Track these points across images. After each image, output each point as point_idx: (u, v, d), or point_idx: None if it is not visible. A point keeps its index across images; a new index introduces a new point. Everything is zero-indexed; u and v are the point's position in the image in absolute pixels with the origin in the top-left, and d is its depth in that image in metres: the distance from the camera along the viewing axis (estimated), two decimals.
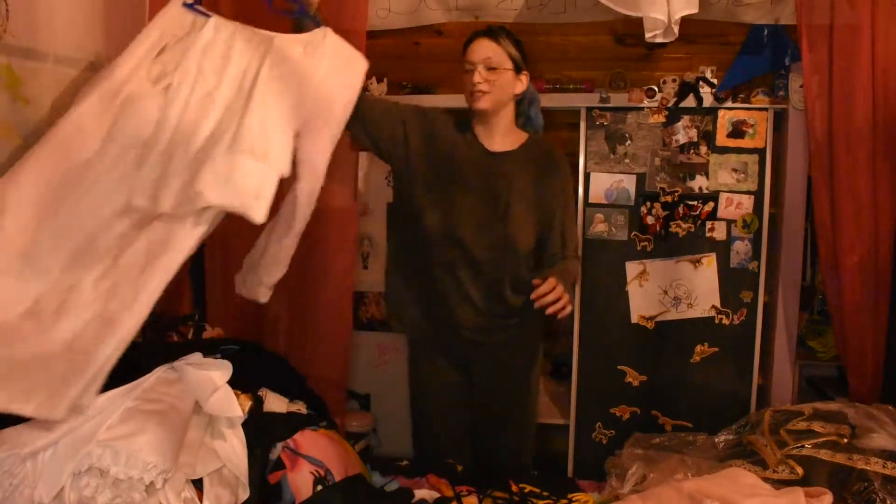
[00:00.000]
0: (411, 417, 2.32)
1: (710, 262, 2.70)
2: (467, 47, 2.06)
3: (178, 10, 1.74)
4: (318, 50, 1.76)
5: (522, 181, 2.09)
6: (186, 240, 1.48)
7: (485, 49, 2.03)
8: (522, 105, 2.18)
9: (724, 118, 2.67)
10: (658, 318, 2.72)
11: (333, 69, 1.77)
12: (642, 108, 2.69)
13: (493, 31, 2.06)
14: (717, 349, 2.71)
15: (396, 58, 2.93)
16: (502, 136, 2.11)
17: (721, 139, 2.68)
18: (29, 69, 1.76)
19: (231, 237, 2.50)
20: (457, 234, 2.07)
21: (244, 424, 1.62)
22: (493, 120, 2.09)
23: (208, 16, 1.73)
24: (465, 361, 2.21)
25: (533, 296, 1.90)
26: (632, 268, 2.73)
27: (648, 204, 2.70)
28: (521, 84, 2.10)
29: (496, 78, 2.03)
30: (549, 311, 1.90)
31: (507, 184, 2.08)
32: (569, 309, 1.94)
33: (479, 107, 2.04)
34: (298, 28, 1.87)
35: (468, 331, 2.13)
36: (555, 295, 1.89)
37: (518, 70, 2.07)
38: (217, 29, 1.72)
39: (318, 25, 1.82)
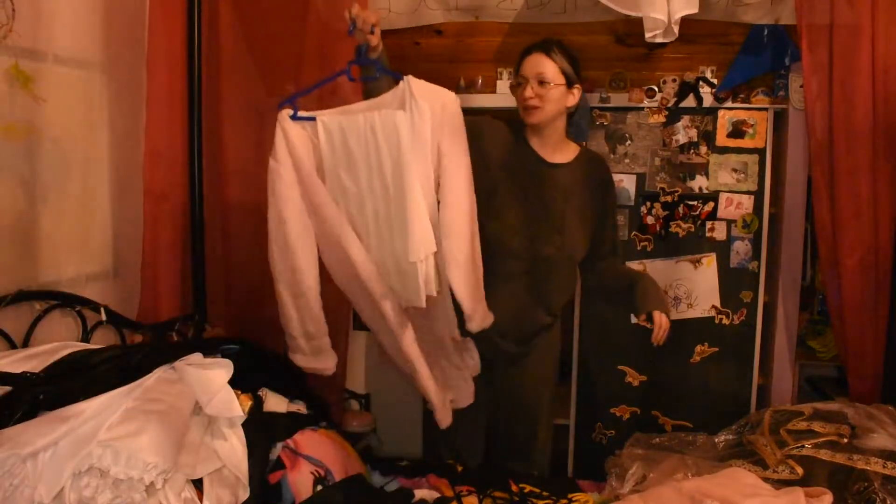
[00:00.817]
0: (424, 416, 2.31)
1: (710, 262, 2.70)
2: (522, 60, 2.06)
3: (290, 126, 1.82)
4: (417, 104, 1.75)
5: (578, 194, 2.12)
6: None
7: (537, 64, 2.03)
8: (574, 115, 2.18)
9: (724, 118, 2.67)
10: None
11: (435, 114, 1.81)
12: (642, 108, 2.69)
13: (547, 46, 2.05)
14: (717, 349, 2.71)
15: (396, 58, 2.91)
16: (555, 148, 2.13)
17: (721, 139, 2.68)
18: (28, 69, 1.76)
19: (231, 238, 2.50)
20: (514, 246, 2.08)
21: (244, 424, 1.62)
22: (546, 132, 2.10)
23: (313, 118, 1.83)
24: (488, 364, 2.20)
25: (654, 340, 2.04)
26: (632, 268, 2.72)
27: (648, 204, 2.70)
28: (573, 97, 2.09)
29: (547, 93, 2.02)
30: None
31: (564, 196, 2.10)
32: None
33: (531, 121, 2.05)
34: (375, 88, 1.89)
35: (509, 341, 2.13)
36: (666, 329, 2.03)
37: (570, 84, 2.06)
38: (330, 126, 1.82)
39: (397, 78, 1.81)
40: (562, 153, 2.14)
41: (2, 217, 1.72)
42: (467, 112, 2.15)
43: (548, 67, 2.03)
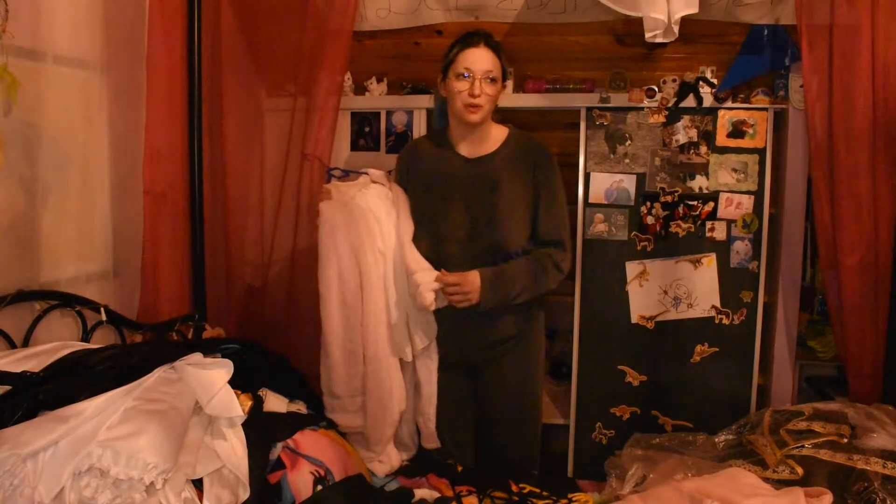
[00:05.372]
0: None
1: (710, 262, 2.70)
2: (463, 52, 1.99)
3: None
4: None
5: (506, 181, 2.06)
6: None
7: (487, 61, 1.97)
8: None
9: (724, 118, 2.67)
10: (658, 318, 2.72)
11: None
12: (642, 108, 2.69)
13: (489, 40, 2.01)
14: (717, 349, 2.71)
15: (396, 58, 2.93)
16: (481, 141, 2.09)
17: (721, 139, 2.68)
18: (28, 69, 1.76)
19: (231, 238, 2.50)
20: (454, 252, 2.06)
21: (244, 424, 1.62)
22: (475, 129, 2.06)
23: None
24: (470, 367, 2.20)
25: (437, 284, 1.98)
26: (632, 268, 2.73)
27: (648, 204, 2.70)
28: (503, 92, 2.08)
29: (495, 92, 1.99)
30: (451, 300, 2.00)
31: (489, 188, 2.05)
32: (465, 304, 1.99)
33: (474, 120, 2.00)
34: None
35: (471, 349, 2.14)
36: (454, 294, 1.99)
37: (504, 79, 2.05)
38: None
39: None
40: (489, 142, 2.09)
41: (2, 217, 1.72)
42: None
43: (496, 65, 1.99)
